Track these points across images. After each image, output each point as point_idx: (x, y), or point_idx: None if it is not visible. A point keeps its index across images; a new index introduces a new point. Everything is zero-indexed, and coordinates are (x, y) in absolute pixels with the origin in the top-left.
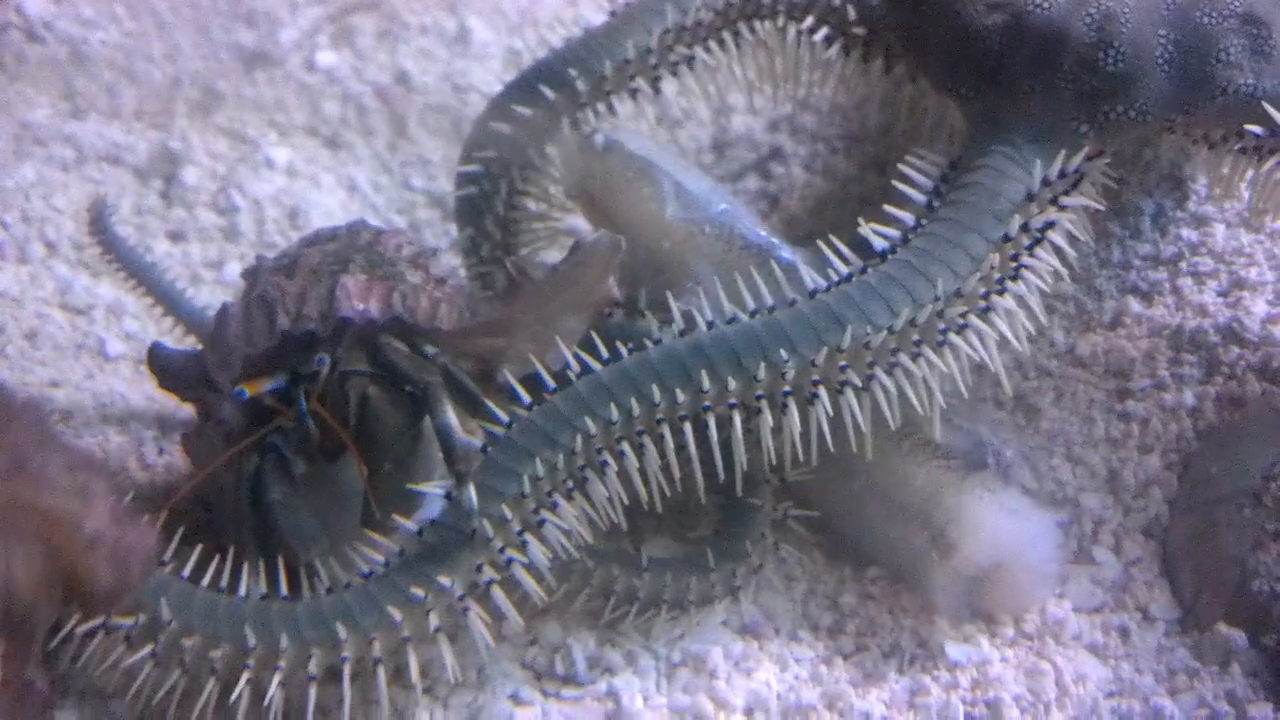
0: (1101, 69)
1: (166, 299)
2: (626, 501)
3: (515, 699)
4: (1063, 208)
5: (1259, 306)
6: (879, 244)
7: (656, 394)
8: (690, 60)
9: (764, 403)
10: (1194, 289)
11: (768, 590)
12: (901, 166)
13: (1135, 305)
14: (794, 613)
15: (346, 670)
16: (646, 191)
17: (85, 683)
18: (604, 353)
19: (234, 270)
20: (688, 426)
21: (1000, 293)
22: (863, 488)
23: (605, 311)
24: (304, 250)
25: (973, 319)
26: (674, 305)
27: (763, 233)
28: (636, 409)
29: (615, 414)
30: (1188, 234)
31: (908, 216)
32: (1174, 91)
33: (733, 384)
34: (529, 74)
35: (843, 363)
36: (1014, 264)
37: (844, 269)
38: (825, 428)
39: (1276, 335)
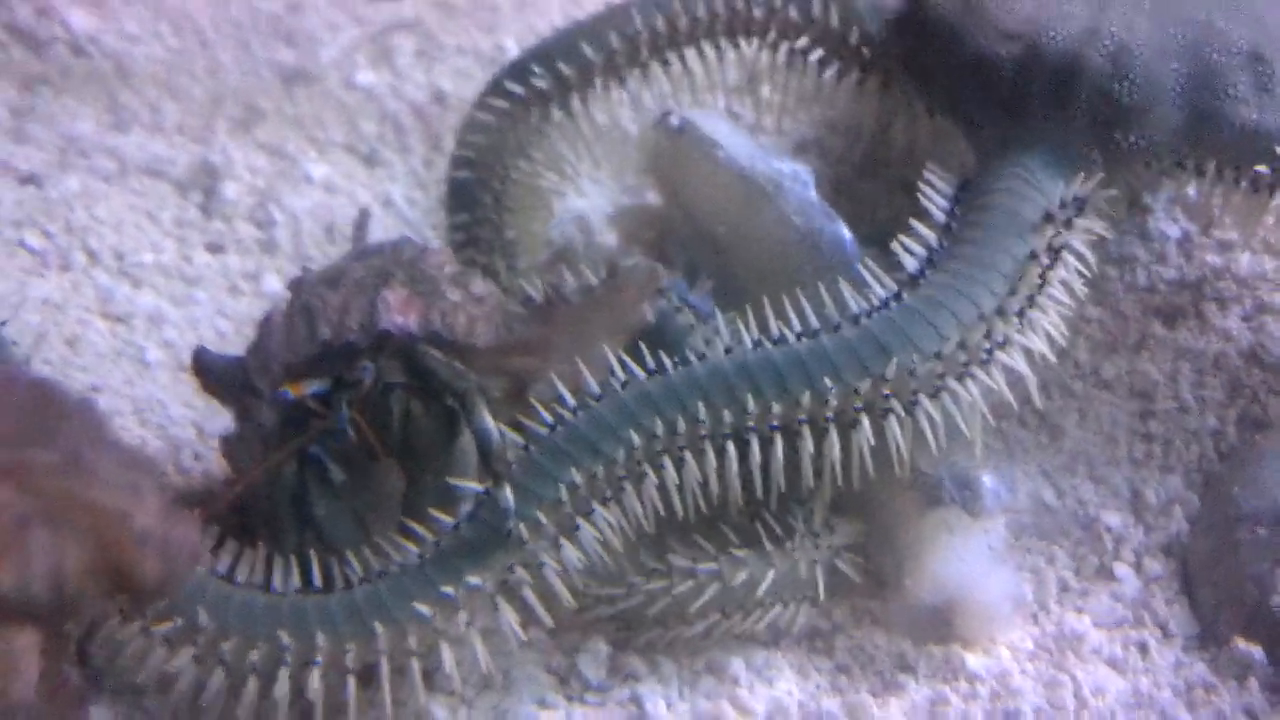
0: (1117, 99)
1: None
2: (663, 513)
3: (541, 703)
4: (1079, 229)
5: None
6: (910, 263)
7: (702, 411)
8: (665, 65)
9: (806, 427)
10: (1218, 313)
11: None
12: (921, 185)
13: (1159, 328)
14: (814, 622)
15: (384, 664)
16: (709, 174)
17: (118, 679)
18: (649, 360)
19: (271, 282)
20: (730, 445)
21: (1032, 308)
22: (863, 502)
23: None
24: (349, 264)
25: (1014, 335)
26: (721, 322)
27: (827, 222)
28: (681, 425)
29: (660, 428)
30: (1212, 259)
31: (931, 235)
32: (1184, 123)
33: (776, 408)
34: (505, 69)
35: (886, 391)
36: (1040, 281)
37: (881, 291)
38: (866, 453)
39: None
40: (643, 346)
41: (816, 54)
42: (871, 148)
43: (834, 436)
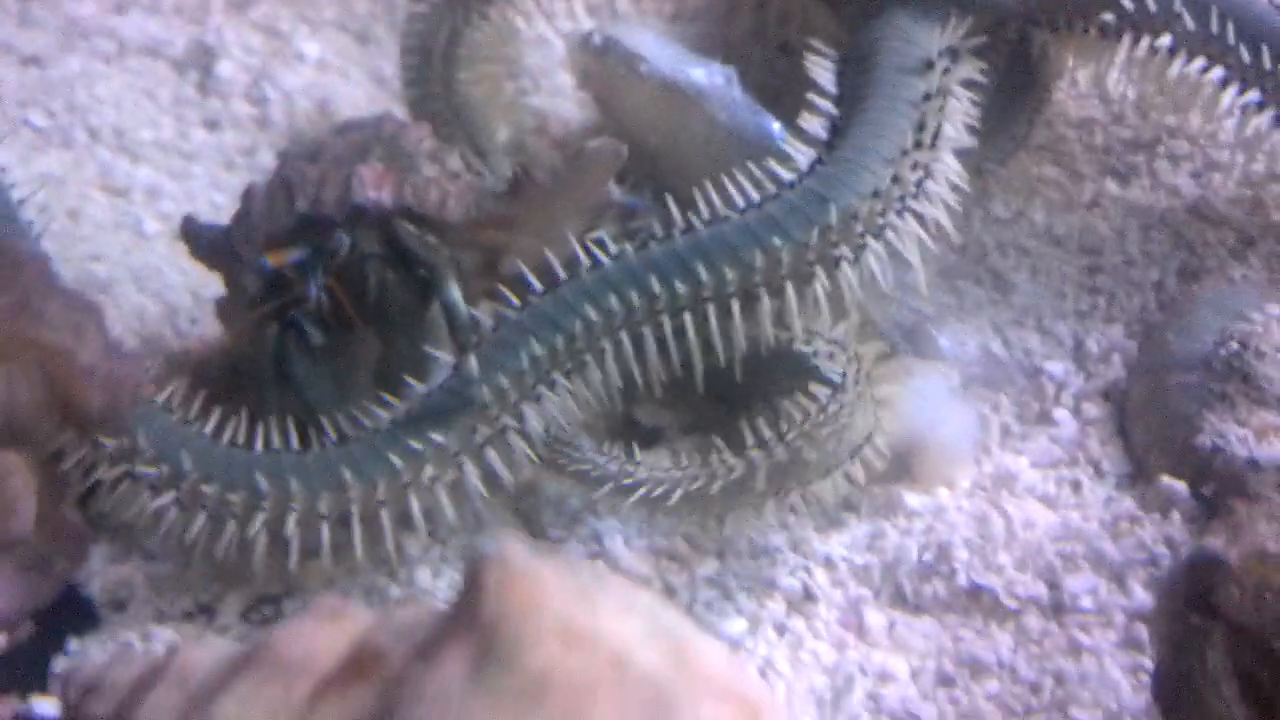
0: None
1: None
2: (623, 386)
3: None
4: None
5: (1228, 187)
6: (818, 131)
7: (656, 286)
8: None
9: (762, 290)
10: (1169, 170)
11: None
12: (806, 62)
13: (1113, 187)
14: None
15: (354, 511)
16: (635, 88)
17: (117, 520)
18: (611, 246)
19: (265, 158)
20: (687, 316)
21: (939, 140)
22: None
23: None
24: (331, 139)
25: (934, 165)
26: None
27: (751, 116)
28: (636, 300)
29: (616, 304)
30: (1168, 119)
31: (828, 105)
32: None
33: (730, 274)
34: None
35: (834, 239)
36: (939, 119)
37: (803, 159)
38: (824, 304)
39: (1238, 214)
40: (603, 234)
41: None
42: None
43: (790, 293)
